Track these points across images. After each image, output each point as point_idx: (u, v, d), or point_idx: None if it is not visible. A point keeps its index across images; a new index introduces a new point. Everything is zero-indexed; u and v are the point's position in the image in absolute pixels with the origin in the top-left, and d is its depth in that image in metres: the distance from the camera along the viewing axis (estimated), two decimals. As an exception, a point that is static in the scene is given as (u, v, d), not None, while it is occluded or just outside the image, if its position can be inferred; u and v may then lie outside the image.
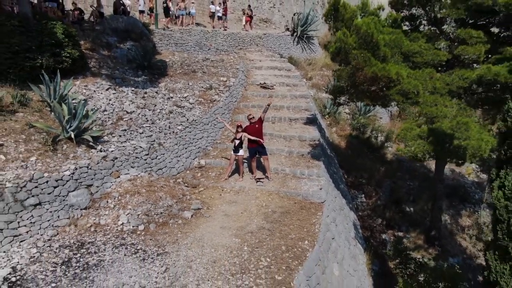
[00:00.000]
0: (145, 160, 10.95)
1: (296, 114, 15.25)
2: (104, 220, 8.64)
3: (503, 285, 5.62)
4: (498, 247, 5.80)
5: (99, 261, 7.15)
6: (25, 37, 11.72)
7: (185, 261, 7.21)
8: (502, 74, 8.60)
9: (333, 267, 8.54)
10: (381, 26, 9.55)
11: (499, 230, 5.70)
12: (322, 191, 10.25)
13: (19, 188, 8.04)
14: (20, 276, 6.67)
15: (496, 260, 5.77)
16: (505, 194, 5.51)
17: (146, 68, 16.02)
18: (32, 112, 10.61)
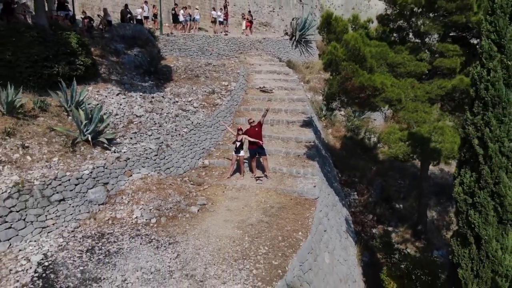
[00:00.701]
0: (154, 160, 11.99)
1: (293, 117, 16.29)
2: (120, 214, 9.68)
3: (463, 266, 6.65)
4: (460, 235, 6.82)
5: (118, 249, 8.19)
6: (43, 47, 12.71)
7: (193, 249, 8.25)
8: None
9: (324, 256, 9.59)
10: (368, 39, 10.59)
11: (460, 220, 6.72)
12: (315, 188, 11.29)
13: (46, 186, 9.07)
14: (51, 261, 7.70)
15: (458, 245, 6.79)
16: (464, 190, 6.54)
17: (152, 74, 17.01)
18: (52, 117, 11.62)
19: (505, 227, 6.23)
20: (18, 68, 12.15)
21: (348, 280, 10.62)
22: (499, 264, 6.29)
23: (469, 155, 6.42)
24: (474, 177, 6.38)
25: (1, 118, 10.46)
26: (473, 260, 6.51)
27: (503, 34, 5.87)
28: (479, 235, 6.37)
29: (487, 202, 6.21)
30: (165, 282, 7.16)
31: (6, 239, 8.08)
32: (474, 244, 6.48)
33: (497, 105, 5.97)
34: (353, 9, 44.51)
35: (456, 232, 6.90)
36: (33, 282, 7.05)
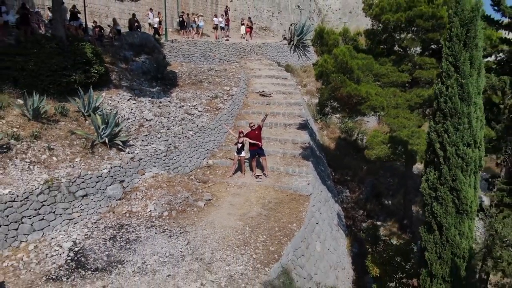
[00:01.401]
0: (164, 161, 13.28)
1: (290, 120, 17.57)
2: (136, 208, 10.97)
3: (429, 249, 7.91)
4: (426, 223, 8.09)
5: (136, 237, 9.48)
6: (62, 57, 13.94)
7: (201, 238, 9.54)
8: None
9: (315, 245, 10.88)
10: (356, 52, 11.85)
11: (426, 211, 7.98)
12: (309, 186, 12.58)
13: (71, 183, 10.35)
14: (80, 247, 8.99)
15: (425, 232, 8.06)
16: (428, 185, 7.78)
17: (159, 79, 18.26)
18: (71, 121, 12.90)
19: (461, 216, 7.52)
20: (40, 77, 13.37)
21: (338, 267, 11.92)
22: (457, 247, 7.59)
23: (433, 157, 7.70)
24: (437, 175, 7.67)
25: (28, 123, 11.75)
26: (436, 244, 7.81)
27: (458, 58, 7.15)
28: (441, 223, 7.67)
29: (447, 195, 7.50)
30: (179, 264, 8.45)
31: (40, 229, 9.37)
32: (437, 231, 7.78)
33: (454, 115, 7.25)
34: (350, 13, 45.77)
35: (424, 221, 8.19)
36: (67, 263, 8.35)
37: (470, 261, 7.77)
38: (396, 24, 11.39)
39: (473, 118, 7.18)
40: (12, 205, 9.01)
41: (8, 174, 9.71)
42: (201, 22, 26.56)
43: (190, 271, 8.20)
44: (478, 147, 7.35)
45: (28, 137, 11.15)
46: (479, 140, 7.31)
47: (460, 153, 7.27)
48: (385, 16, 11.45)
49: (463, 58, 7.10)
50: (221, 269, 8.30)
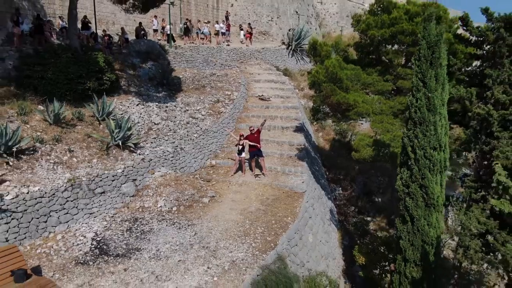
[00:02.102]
0: (171, 161, 14.58)
1: (287, 123, 18.85)
2: (147, 204, 12.28)
3: (403, 238, 9.20)
4: (401, 215, 9.38)
5: (150, 229, 10.79)
6: (77, 66, 15.23)
7: (207, 229, 10.84)
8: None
9: (308, 236, 12.18)
10: (345, 63, 13.14)
11: (400, 205, 9.27)
12: (303, 184, 13.88)
13: (91, 181, 11.66)
14: (101, 237, 10.30)
15: (400, 223, 9.35)
16: (402, 183, 9.08)
17: (165, 85, 19.54)
18: (87, 125, 14.20)
19: (429, 209, 8.82)
20: (58, 85, 14.66)
21: (329, 257, 13.23)
22: (426, 235, 8.89)
23: (406, 158, 9.00)
24: (409, 174, 8.97)
25: (49, 127, 13.06)
26: (409, 233, 9.12)
27: (425, 75, 8.45)
28: (413, 215, 8.97)
29: (417, 191, 8.80)
30: (188, 251, 9.75)
31: (65, 221, 10.68)
32: (410, 222, 9.08)
33: (422, 123, 8.55)
34: (347, 17, 47.02)
35: (399, 214, 9.50)
36: (91, 250, 9.66)
37: (438, 248, 9.07)
38: (381, 38, 12.67)
39: (438, 126, 8.46)
40: (41, 200, 10.31)
41: (36, 174, 11.01)
42: (205, 29, 27.82)
43: (197, 257, 9.50)
44: (443, 150, 8.64)
45: (51, 140, 12.45)
46: (443, 144, 8.60)
47: (428, 155, 8.56)
48: (371, 32, 12.74)
49: (429, 75, 8.39)
50: (225, 256, 9.61)
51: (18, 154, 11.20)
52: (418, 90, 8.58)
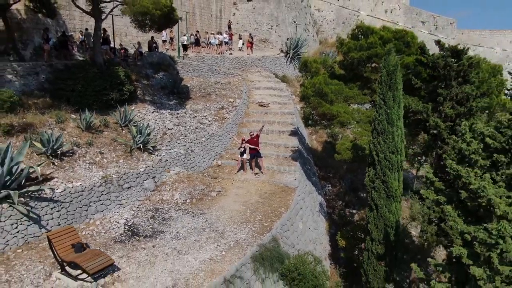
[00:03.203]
0: (183, 161, 17.12)
1: (283, 127, 21.36)
2: (165, 197, 14.82)
3: (370, 222, 11.71)
4: (369, 205, 11.89)
5: (169, 217, 13.33)
6: (102, 80, 17.72)
7: (215, 217, 13.38)
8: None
9: (298, 224, 14.71)
10: (330, 79, 15.65)
11: (368, 196, 11.78)
12: (296, 181, 16.40)
13: (119, 178, 14.20)
14: (131, 223, 12.84)
15: (368, 211, 11.85)
16: (369, 179, 11.58)
17: (175, 93, 22.01)
18: (112, 131, 16.73)
19: (390, 200, 11.35)
20: (86, 96, 17.16)
21: (316, 242, 15.77)
22: (388, 220, 11.42)
23: (372, 160, 11.53)
24: (374, 172, 11.49)
25: (82, 133, 15.59)
26: (375, 218, 11.65)
27: (385, 95, 10.96)
28: (377, 204, 11.50)
29: (380, 186, 11.33)
30: (201, 233, 12.29)
31: (101, 210, 13.23)
32: (375, 210, 11.61)
33: (383, 133, 11.07)
34: (343, 23, 49.50)
35: (368, 204, 12.03)
36: (125, 232, 12.21)
37: (397, 230, 11.58)
38: (359, 59, 15.13)
39: (395, 135, 10.96)
40: (83, 193, 12.86)
41: (76, 172, 13.57)
42: (212, 39, 30.31)
43: (209, 237, 12.05)
44: (400, 154, 11.14)
45: (85, 144, 14.99)
46: (399, 149, 11.09)
47: (388, 158, 11.07)
48: (351, 54, 15.20)
49: (388, 96, 10.89)
50: (230, 236, 12.15)
51: (61, 156, 13.74)
52: (380, 107, 11.09)
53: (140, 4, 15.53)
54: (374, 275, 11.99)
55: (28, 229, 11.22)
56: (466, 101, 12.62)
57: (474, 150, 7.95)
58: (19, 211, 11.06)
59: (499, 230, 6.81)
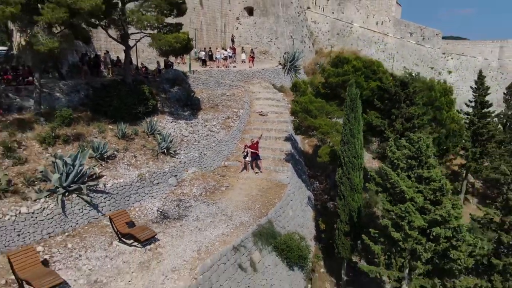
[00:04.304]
0: (198, 163, 21.34)
1: (279, 134, 25.56)
2: (185, 191, 19.04)
3: (339, 208, 15.87)
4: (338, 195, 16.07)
5: (190, 205, 17.57)
6: (132, 97, 21.92)
7: (225, 205, 17.61)
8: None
9: (289, 211, 18.92)
10: (315, 98, 19.82)
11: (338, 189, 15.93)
12: (287, 178, 20.60)
13: (150, 176, 18.43)
14: (162, 210, 17.08)
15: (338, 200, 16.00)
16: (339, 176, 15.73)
17: (188, 105, 26.17)
18: (141, 138, 20.94)
19: (353, 191, 15.55)
20: (120, 110, 21.32)
21: (303, 226, 19.98)
22: (352, 206, 15.63)
23: (340, 163, 15.74)
24: (342, 171, 15.70)
25: (119, 141, 19.78)
26: (343, 205, 15.86)
27: (349, 116, 15.17)
28: (344, 195, 15.72)
29: (346, 181, 15.54)
30: (214, 217, 16.51)
31: (138, 200, 17.46)
32: (343, 199, 15.82)
33: (348, 143, 15.28)
34: (337, 34, 53.65)
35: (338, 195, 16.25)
36: (158, 216, 16.44)
37: (359, 214, 15.76)
38: (336, 83, 19.24)
39: (356, 145, 15.11)
40: (125, 187, 17.09)
41: (119, 171, 17.80)
42: (218, 55, 34.55)
43: (220, 220, 16.27)
44: (360, 158, 15.30)
45: (122, 149, 19.22)
46: (359, 155, 15.25)
47: (351, 161, 15.26)
48: (330, 79, 19.32)
49: (351, 116, 15.08)
50: (237, 219, 16.38)
51: (106, 159, 17.97)
52: (345, 124, 15.28)
53: (165, 40, 19.74)
54: (342, 247, 16.20)
55: (90, 213, 15.48)
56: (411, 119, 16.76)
57: (397, 157, 12.10)
58: (84, 199, 15.32)
59: (406, 207, 10.95)
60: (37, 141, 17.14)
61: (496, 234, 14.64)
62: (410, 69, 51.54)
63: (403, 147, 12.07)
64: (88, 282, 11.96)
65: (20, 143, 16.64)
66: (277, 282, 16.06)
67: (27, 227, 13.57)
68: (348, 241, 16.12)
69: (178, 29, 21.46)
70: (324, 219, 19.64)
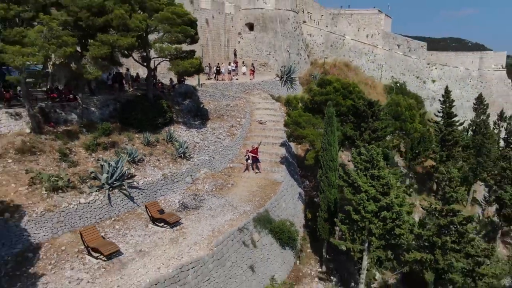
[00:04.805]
0: (208, 165, 26.04)
1: (276, 140, 30.22)
2: (199, 187, 23.75)
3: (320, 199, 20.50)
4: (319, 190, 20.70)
5: (203, 199, 22.26)
6: (153, 111, 26.61)
7: (231, 198, 22.30)
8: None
9: (282, 204, 23.61)
10: (303, 112, 24.50)
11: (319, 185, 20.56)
12: (281, 177, 25.28)
13: (172, 175, 23.15)
14: (182, 202, 21.78)
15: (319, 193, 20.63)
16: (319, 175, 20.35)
17: (198, 115, 30.84)
18: (161, 145, 25.64)
19: (330, 187, 20.25)
20: (143, 122, 25.97)
21: (294, 216, 24.67)
22: (329, 199, 20.33)
23: (320, 165, 20.43)
24: (322, 171, 20.41)
25: (145, 147, 24.47)
26: (322, 198, 20.56)
27: (327, 130, 19.87)
28: (324, 189, 20.43)
29: (325, 179, 20.26)
30: (223, 207, 21.19)
31: (163, 195, 22.14)
32: (323, 193, 20.52)
33: (325, 150, 19.99)
34: (331, 46, 58.34)
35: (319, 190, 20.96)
36: (180, 207, 21.15)
37: (335, 204, 20.42)
38: (320, 101, 23.91)
39: (332, 151, 19.76)
40: (152, 184, 21.79)
41: (147, 172, 22.51)
42: (222, 69, 39.30)
43: (228, 209, 20.97)
44: (335, 161, 19.95)
45: (148, 154, 23.92)
46: (335, 159, 19.90)
47: (328, 163, 19.93)
48: (316, 97, 23.98)
49: (328, 130, 19.75)
50: (241, 209, 21.07)
51: (137, 162, 22.68)
52: (324, 136, 19.97)
53: (182, 66, 24.47)
54: (323, 230, 20.85)
55: (128, 204, 20.17)
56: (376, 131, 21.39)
57: (357, 161, 16.76)
58: (124, 193, 20.03)
59: (361, 197, 15.59)
60: (83, 148, 21.81)
61: (438, 219, 19.22)
62: (398, 78, 56.46)
63: (362, 154, 16.66)
64: (135, 251, 16.67)
65: (71, 150, 21.31)
66: (272, 257, 20.76)
67: (85, 213, 18.27)
68: (327, 226, 20.75)
69: (192, 55, 26.18)
70: (311, 210, 24.28)
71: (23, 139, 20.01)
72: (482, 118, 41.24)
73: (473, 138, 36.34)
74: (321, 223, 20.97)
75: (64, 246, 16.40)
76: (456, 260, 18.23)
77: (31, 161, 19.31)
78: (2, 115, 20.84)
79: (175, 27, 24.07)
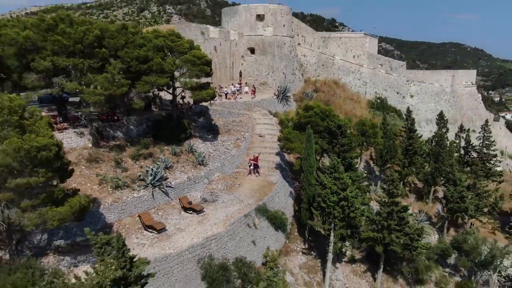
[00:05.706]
0: (220, 170, 34.05)
1: (272, 150, 38.23)
2: (214, 187, 31.75)
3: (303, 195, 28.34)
4: (302, 188, 28.58)
5: (218, 195, 30.23)
6: (176, 128, 34.74)
7: (239, 195, 30.27)
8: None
9: (276, 199, 31.57)
10: (292, 130, 32.44)
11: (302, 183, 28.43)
12: (276, 179, 33.27)
13: (194, 178, 31.20)
14: (203, 197, 29.81)
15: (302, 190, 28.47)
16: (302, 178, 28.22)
17: (210, 131, 38.92)
18: (184, 155, 33.72)
19: (311, 186, 28.26)
20: (169, 137, 34.07)
21: (286, 209, 32.61)
22: (309, 194, 28.34)
23: (302, 170, 28.44)
24: (304, 174, 28.42)
25: (172, 156, 32.54)
26: (305, 194, 28.56)
27: (307, 145, 27.91)
28: (305, 187, 28.45)
29: (306, 180, 28.27)
30: (233, 201, 29.17)
31: (188, 192, 30.17)
32: (305, 190, 28.54)
33: (306, 159, 28.02)
34: (322, 65, 66.51)
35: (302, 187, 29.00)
36: (201, 200, 29.18)
37: (314, 198, 28.33)
38: (305, 122, 31.92)
39: (311, 160, 27.63)
40: (181, 184, 29.84)
41: (176, 175, 30.58)
42: (228, 90, 47.45)
43: (236, 202, 28.95)
44: (313, 167, 27.85)
45: (175, 162, 31.99)
46: (313, 165, 27.78)
47: (308, 168, 27.85)
48: (302, 119, 31.98)
49: (308, 145, 27.67)
50: (246, 202, 29.06)
51: (168, 168, 30.72)
52: (305, 149, 27.93)
53: (200, 95, 32.57)
54: (304, 217, 28.70)
55: (165, 198, 28.17)
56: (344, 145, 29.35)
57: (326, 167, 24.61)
58: (162, 191, 28.06)
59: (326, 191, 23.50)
60: (130, 158, 29.89)
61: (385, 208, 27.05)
62: (380, 94, 64.53)
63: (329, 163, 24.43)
64: (175, 228, 24.67)
65: (121, 159, 29.39)
66: (268, 236, 28.71)
67: (138, 204, 26.27)
68: (307, 213, 28.61)
69: (207, 86, 34.31)
70: (298, 204, 32.16)
71: (89, 152, 28.09)
72: (441, 131, 49.26)
73: (433, 148, 44.44)
74: (303, 212, 28.86)
75: (127, 225, 24.44)
76: (397, 237, 26.09)
77: (96, 168, 27.37)
78: (72, 134, 28.96)
79: (196, 66, 32.20)
